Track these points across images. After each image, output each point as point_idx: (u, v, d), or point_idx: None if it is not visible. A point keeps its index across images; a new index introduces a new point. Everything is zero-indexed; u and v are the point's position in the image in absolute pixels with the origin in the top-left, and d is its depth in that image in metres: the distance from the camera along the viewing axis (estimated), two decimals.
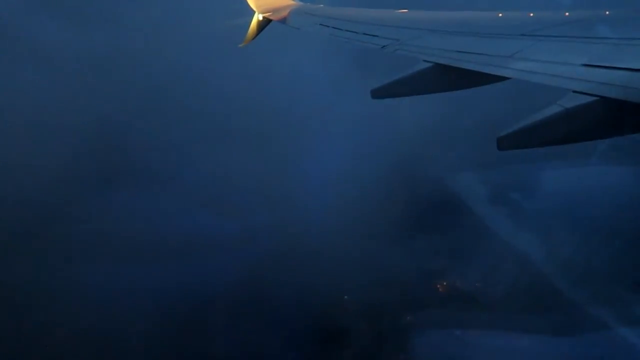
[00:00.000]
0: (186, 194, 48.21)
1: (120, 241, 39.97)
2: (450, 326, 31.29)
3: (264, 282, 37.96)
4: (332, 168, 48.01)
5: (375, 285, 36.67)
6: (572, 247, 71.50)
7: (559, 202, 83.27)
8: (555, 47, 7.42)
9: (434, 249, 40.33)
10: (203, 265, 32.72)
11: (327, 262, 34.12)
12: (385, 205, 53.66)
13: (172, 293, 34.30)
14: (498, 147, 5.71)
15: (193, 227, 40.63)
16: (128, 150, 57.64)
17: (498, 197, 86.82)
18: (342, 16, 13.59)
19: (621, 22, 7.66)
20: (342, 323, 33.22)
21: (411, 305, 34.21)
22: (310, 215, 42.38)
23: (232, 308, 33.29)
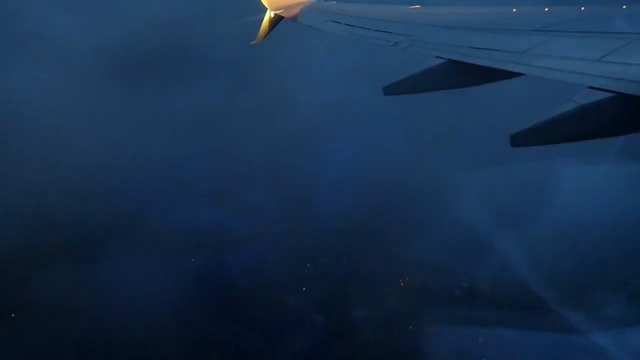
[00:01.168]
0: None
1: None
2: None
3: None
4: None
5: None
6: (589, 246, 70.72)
7: (575, 200, 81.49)
8: (570, 42, 7.26)
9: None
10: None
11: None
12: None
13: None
14: (512, 144, 5.63)
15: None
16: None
17: (507, 195, 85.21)
18: (354, 13, 13.62)
19: (638, 17, 7.47)
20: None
21: None
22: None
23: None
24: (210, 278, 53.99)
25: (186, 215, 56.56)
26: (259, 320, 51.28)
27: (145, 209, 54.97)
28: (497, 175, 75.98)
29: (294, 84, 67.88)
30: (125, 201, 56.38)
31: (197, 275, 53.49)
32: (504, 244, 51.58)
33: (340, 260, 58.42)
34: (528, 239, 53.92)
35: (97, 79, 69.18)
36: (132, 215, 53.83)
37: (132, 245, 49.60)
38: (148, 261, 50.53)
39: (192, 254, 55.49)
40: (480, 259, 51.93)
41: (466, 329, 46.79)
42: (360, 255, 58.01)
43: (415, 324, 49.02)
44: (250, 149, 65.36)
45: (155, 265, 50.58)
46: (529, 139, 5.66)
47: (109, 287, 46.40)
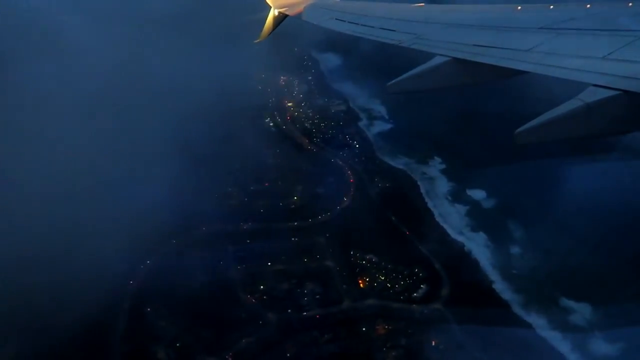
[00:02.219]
0: None
1: None
2: None
3: None
4: None
5: None
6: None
7: (580, 199, 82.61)
8: (575, 40, 7.16)
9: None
10: None
11: None
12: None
13: None
14: (516, 141, 5.62)
15: None
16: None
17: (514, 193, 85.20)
18: (358, 10, 13.55)
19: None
20: None
21: None
22: None
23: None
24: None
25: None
26: None
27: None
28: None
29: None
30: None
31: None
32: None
33: None
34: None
35: None
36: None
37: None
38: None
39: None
40: None
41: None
42: None
43: None
44: None
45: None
46: (533, 137, 5.53)
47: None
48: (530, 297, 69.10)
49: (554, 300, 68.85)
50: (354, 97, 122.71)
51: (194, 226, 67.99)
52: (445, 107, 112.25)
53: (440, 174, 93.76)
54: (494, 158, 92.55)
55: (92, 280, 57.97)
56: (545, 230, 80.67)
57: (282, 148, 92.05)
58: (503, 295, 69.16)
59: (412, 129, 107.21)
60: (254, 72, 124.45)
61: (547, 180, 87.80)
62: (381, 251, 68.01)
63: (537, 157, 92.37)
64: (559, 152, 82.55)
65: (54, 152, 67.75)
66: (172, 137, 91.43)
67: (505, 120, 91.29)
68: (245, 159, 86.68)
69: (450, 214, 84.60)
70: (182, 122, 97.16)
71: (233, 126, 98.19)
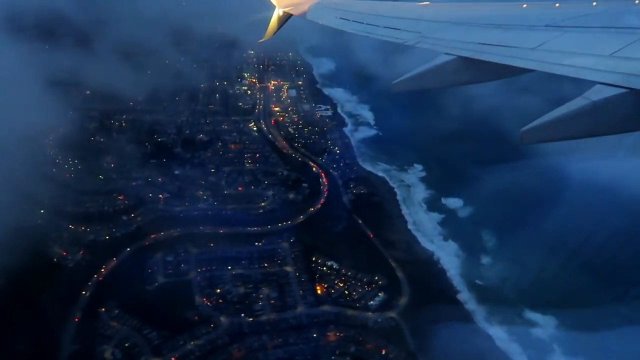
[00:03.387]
0: None
1: None
2: None
3: None
4: None
5: None
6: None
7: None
8: (581, 38, 7.14)
9: None
10: None
11: None
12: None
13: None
14: (521, 141, 5.52)
15: None
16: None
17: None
18: (362, 9, 13.40)
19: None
20: None
21: None
22: None
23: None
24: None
25: None
26: None
27: None
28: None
29: None
30: None
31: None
32: None
33: None
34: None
35: None
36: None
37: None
38: None
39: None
40: None
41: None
42: None
43: None
44: None
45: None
46: (539, 135, 5.54)
47: None
48: (494, 309, 68.16)
49: (518, 313, 67.78)
50: (342, 103, 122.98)
51: (161, 229, 69.16)
52: (435, 113, 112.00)
53: (419, 181, 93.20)
54: (475, 166, 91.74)
55: (51, 278, 59.93)
56: (519, 240, 79.30)
57: (262, 153, 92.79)
58: (467, 306, 68.41)
59: (396, 136, 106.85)
60: (244, 75, 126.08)
61: (529, 190, 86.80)
62: (344, 258, 68.09)
63: (523, 165, 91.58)
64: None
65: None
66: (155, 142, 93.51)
67: (495, 126, 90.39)
68: (222, 163, 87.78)
69: (424, 222, 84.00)
70: (165, 127, 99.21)
71: (216, 130, 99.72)
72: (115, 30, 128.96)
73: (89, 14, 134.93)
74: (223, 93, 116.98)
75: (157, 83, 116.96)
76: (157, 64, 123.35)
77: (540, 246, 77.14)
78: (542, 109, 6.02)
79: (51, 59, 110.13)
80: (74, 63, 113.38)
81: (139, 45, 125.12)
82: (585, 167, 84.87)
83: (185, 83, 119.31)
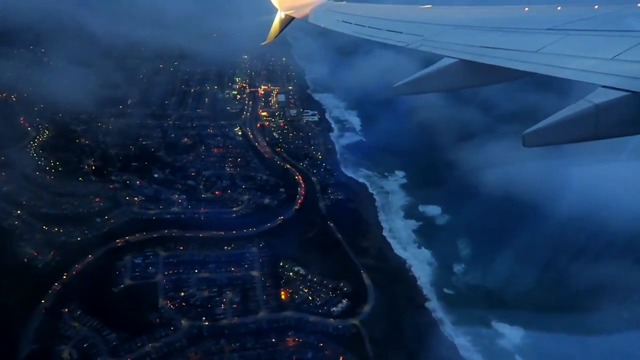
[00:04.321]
0: None
1: None
2: None
3: None
4: None
5: None
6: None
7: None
8: (583, 41, 7.13)
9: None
10: None
11: None
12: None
13: None
14: (524, 144, 5.50)
15: None
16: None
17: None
18: (364, 12, 13.42)
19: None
20: None
21: None
22: None
23: None
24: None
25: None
26: None
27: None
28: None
29: None
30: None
31: None
32: None
33: None
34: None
35: None
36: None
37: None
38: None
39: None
40: None
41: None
42: None
43: None
44: None
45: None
46: (542, 139, 5.54)
47: None
48: (461, 318, 67.70)
49: (486, 323, 67.23)
50: (331, 108, 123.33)
51: (132, 231, 70.17)
52: (424, 120, 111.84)
53: (400, 188, 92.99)
54: (457, 174, 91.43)
55: (19, 278, 61.14)
56: (495, 250, 78.68)
57: (244, 157, 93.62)
58: (434, 314, 68.07)
59: (382, 143, 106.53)
60: (236, 80, 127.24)
61: (511, 198, 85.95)
62: (312, 264, 68.35)
63: (506, 173, 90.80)
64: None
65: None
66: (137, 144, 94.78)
67: (484, 132, 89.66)
68: (202, 167, 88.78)
69: (400, 229, 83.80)
70: (151, 131, 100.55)
71: (201, 134, 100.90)
72: (112, 30, 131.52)
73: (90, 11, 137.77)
74: (213, 97, 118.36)
75: (148, 87, 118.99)
76: (149, 67, 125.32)
77: (516, 256, 76.48)
78: (544, 112, 6.09)
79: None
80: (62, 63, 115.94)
81: (132, 48, 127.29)
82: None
83: (177, 87, 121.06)
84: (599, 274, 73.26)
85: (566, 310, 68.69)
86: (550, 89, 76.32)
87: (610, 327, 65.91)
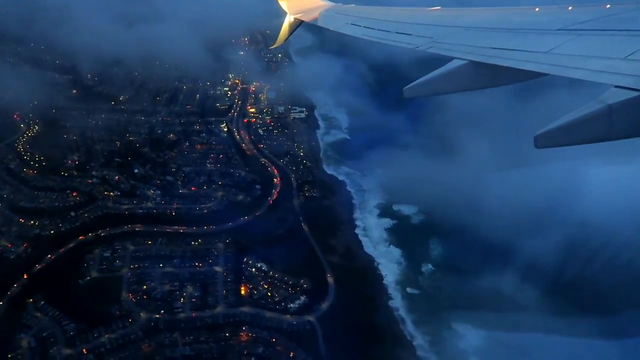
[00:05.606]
0: None
1: None
2: None
3: None
4: None
5: None
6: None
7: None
8: (595, 41, 7.05)
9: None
10: None
11: None
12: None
13: None
14: (535, 145, 5.47)
15: None
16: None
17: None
18: (373, 15, 13.47)
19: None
20: None
21: None
22: None
23: None
24: None
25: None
26: None
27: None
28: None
29: None
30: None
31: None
32: None
33: None
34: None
35: None
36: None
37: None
38: None
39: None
40: None
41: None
42: None
43: None
44: None
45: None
46: (553, 140, 5.50)
47: None
48: (423, 318, 67.74)
49: (448, 324, 67.10)
50: (320, 105, 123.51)
51: (105, 225, 72.34)
52: (414, 119, 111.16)
53: (378, 187, 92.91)
54: (438, 174, 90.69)
55: None
56: (465, 251, 78.21)
57: (226, 154, 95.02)
58: (396, 313, 68.25)
59: (367, 141, 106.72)
60: (229, 76, 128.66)
61: (489, 199, 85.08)
62: (276, 260, 69.39)
63: (486, 175, 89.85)
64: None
65: None
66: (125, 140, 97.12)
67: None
68: (184, 163, 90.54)
69: (373, 227, 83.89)
70: (139, 127, 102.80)
71: (187, 130, 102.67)
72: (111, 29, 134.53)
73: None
74: (204, 94, 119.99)
75: (141, 84, 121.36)
76: (142, 64, 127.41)
77: (486, 258, 75.84)
78: (555, 112, 6.01)
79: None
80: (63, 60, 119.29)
81: (129, 46, 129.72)
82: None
83: (169, 84, 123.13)
84: (567, 276, 72.37)
85: (530, 312, 68.09)
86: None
87: (573, 330, 65.14)
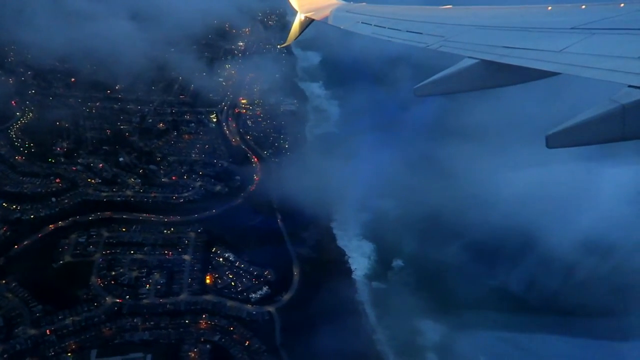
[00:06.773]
0: None
1: None
2: None
3: None
4: None
5: None
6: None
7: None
8: (608, 40, 7.02)
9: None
10: None
11: None
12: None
13: None
14: (547, 145, 5.44)
15: None
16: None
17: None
18: (384, 14, 13.50)
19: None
20: None
21: None
22: None
23: None
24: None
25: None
26: None
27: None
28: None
29: None
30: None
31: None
32: None
33: None
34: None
35: None
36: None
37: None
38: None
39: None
40: None
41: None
42: None
43: None
44: None
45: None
46: (565, 140, 5.49)
47: None
48: (386, 312, 68.36)
49: (410, 319, 67.57)
50: (314, 98, 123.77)
51: (83, 212, 74.83)
52: (409, 114, 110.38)
53: (359, 180, 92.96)
54: (418, 170, 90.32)
55: None
56: (439, 247, 78.08)
57: (211, 144, 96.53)
58: (359, 307, 69.05)
59: (356, 135, 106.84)
60: (226, 67, 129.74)
61: (468, 196, 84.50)
62: (244, 251, 70.84)
63: (468, 173, 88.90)
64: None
65: None
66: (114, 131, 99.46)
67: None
68: (169, 152, 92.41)
69: (350, 221, 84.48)
70: (131, 116, 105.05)
71: (177, 120, 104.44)
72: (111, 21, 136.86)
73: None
74: (199, 84, 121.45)
75: (138, 72, 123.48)
76: (143, 53, 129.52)
77: (458, 255, 75.66)
78: (568, 112, 6.05)
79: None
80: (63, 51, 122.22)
81: (129, 36, 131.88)
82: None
83: (166, 73, 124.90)
84: (537, 275, 71.74)
85: (494, 311, 67.92)
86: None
87: (540, 329, 64.87)
